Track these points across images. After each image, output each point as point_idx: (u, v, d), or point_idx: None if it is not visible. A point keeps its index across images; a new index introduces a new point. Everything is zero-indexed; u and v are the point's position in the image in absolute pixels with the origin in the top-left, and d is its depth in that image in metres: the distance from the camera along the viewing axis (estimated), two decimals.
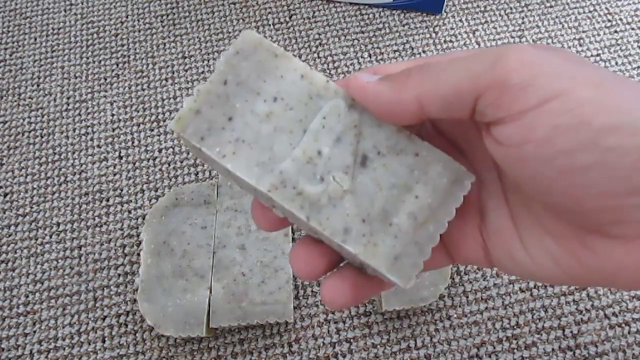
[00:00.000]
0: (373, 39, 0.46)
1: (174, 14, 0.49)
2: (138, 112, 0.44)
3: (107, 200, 0.40)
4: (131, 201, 0.40)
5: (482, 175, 0.22)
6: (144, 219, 0.39)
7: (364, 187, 0.19)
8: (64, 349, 0.35)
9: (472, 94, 0.17)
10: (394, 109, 0.18)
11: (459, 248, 0.22)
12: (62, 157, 0.42)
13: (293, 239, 0.36)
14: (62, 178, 0.41)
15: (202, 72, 0.45)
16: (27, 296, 0.37)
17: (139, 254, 0.38)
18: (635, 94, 0.16)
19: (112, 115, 0.44)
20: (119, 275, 0.37)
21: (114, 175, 0.41)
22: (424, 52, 0.46)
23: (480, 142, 0.21)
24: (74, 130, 0.43)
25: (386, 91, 0.19)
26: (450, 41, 0.46)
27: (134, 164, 0.41)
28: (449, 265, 0.24)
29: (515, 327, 0.34)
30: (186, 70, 0.45)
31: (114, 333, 0.35)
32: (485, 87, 0.17)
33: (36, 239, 0.39)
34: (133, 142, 0.42)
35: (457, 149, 0.22)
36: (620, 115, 0.16)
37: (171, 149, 0.42)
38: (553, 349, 0.34)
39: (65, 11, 0.49)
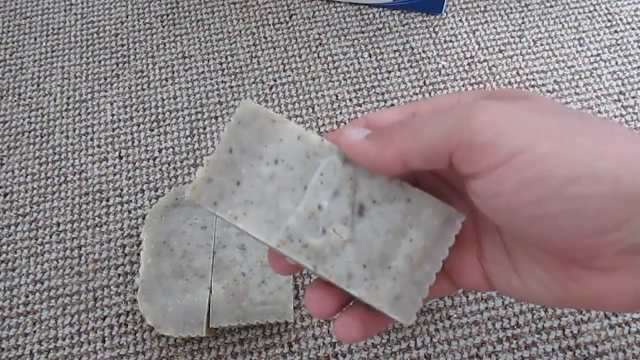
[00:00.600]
0: (373, 39, 0.46)
1: (174, 14, 0.49)
2: (138, 112, 0.44)
3: (107, 200, 0.40)
4: (131, 201, 0.40)
5: (476, 209, 0.23)
6: (144, 219, 0.39)
7: (363, 235, 0.21)
8: (64, 349, 0.35)
9: (446, 152, 0.19)
10: (380, 164, 0.20)
11: (462, 276, 0.23)
12: (62, 157, 0.42)
13: None
14: (62, 178, 0.41)
15: (202, 72, 0.45)
16: (27, 296, 0.37)
17: (139, 254, 0.38)
18: (594, 142, 0.17)
19: (112, 115, 0.44)
20: (119, 275, 0.37)
21: (114, 175, 0.41)
22: (423, 52, 0.46)
23: None
24: (74, 130, 0.43)
25: (372, 149, 0.20)
26: (450, 41, 0.46)
27: (134, 164, 0.41)
28: (453, 292, 0.26)
29: (515, 327, 0.34)
30: (186, 70, 0.45)
31: (114, 333, 0.35)
32: (455, 147, 0.18)
33: (36, 239, 0.39)
34: (133, 142, 0.42)
35: (449, 185, 0.24)
36: (579, 166, 0.17)
37: (171, 149, 0.42)
38: (553, 349, 0.34)
39: (65, 11, 0.49)
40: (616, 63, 0.44)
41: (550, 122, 0.18)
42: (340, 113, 0.43)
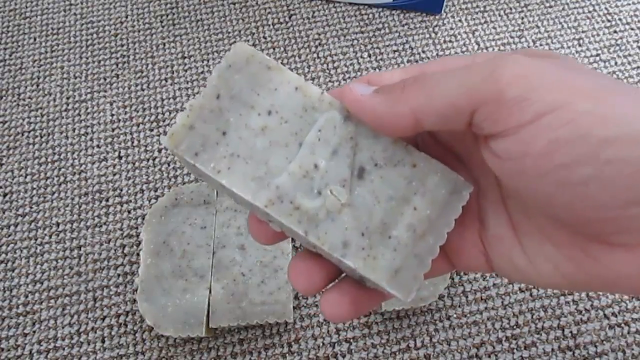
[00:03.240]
0: (373, 39, 0.46)
1: (174, 14, 0.49)
2: (137, 112, 0.44)
3: (107, 200, 0.40)
4: (131, 201, 0.40)
5: (480, 182, 0.21)
6: (143, 219, 0.39)
7: (362, 200, 0.19)
8: (64, 349, 0.35)
9: (468, 108, 0.17)
10: (389, 122, 0.18)
11: (460, 255, 0.22)
12: (61, 157, 0.42)
13: (293, 239, 0.36)
14: (62, 178, 0.41)
15: (202, 72, 0.45)
16: (27, 296, 0.37)
17: (138, 254, 0.38)
18: (634, 103, 0.16)
19: (112, 115, 0.44)
20: (119, 275, 0.37)
21: (114, 175, 0.41)
22: (423, 52, 0.46)
23: (478, 150, 0.21)
24: (74, 130, 0.43)
25: (381, 104, 0.18)
26: (450, 41, 0.46)
27: (134, 164, 0.41)
28: (449, 272, 0.24)
29: (514, 327, 0.34)
30: (186, 70, 0.45)
31: (113, 333, 0.35)
32: (481, 102, 0.17)
33: (36, 239, 0.39)
34: (133, 142, 0.42)
35: (455, 157, 0.22)
36: (618, 126, 0.15)
37: None
38: (552, 349, 0.34)
39: (65, 11, 0.49)
40: (615, 63, 0.45)
41: (585, 80, 0.17)
42: None
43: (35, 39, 0.48)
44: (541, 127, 0.16)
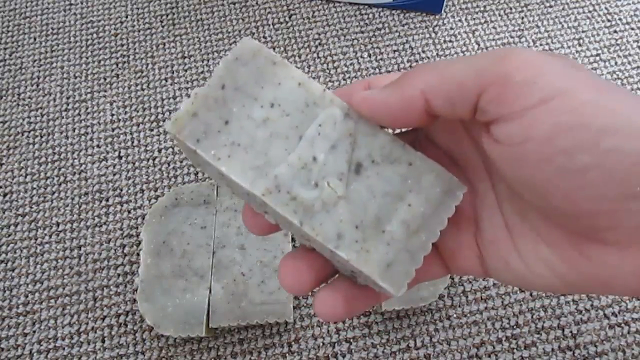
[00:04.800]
0: (373, 39, 0.46)
1: (174, 14, 0.49)
2: (137, 112, 0.44)
3: (107, 200, 0.40)
4: (131, 201, 0.40)
5: (475, 185, 0.22)
6: (143, 218, 0.39)
7: (358, 195, 0.19)
8: (64, 348, 0.35)
9: (476, 90, 0.17)
10: (401, 108, 0.19)
11: (455, 258, 0.22)
12: (61, 157, 0.42)
13: (293, 239, 0.36)
14: (62, 178, 0.41)
15: (202, 72, 0.45)
16: (27, 296, 0.37)
17: (138, 254, 0.38)
18: (633, 99, 0.16)
19: (112, 115, 0.44)
20: (119, 275, 0.37)
21: (114, 175, 0.41)
22: (423, 52, 0.46)
23: (474, 152, 0.21)
24: (74, 130, 0.43)
25: (392, 94, 0.19)
26: (450, 41, 0.46)
27: (134, 163, 0.41)
28: (445, 277, 0.24)
29: (514, 327, 0.34)
30: (186, 70, 0.45)
31: (113, 333, 0.35)
32: (489, 83, 0.17)
33: (36, 239, 0.39)
34: (132, 142, 0.42)
35: (451, 160, 0.22)
36: (619, 118, 0.16)
37: (171, 149, 0.42)
38: (552, 349, 0.34)
39: (65, 11, 0.49)
40: (615, 63, 0.45)
41: (588, 75, 0.17)
42: None
43: (35, 39, 0.48)
44: (545, 111, 0.16)
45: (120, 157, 0.42)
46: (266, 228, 0.21)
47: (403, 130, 0.23)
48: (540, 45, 0.46)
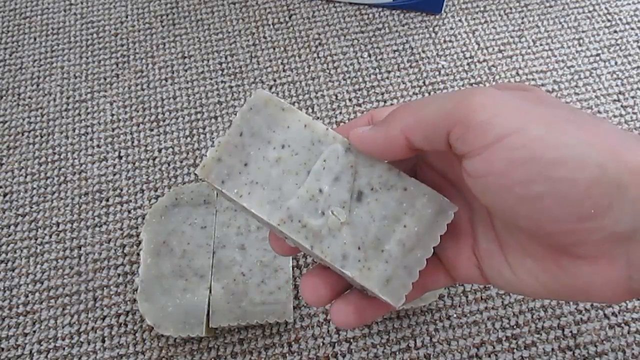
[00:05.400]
0: (373, 39, 0.46)
1: (174, 14, 0.49)
2: (138, 112, 0.44)
3: (107, 200, 0.40)
4: (131, 201, 0.40)
5: (471, 202, 0.24)
6: (143, 218, 0.39)
7: (360, 219, 0.22)
8: (64, 348, 0.35)
9: (445, 129, 0.19)
10: (387, 146, 0.21)
11: (457, 268, 0.24)
12: (61, 157, 0.42)
13: None
14: (62, 178, 0.41)
15: (202, 72, 0.45)
16: (27, 296, 0.37)
17: (138, 254, 0.38)
18: (582, 131, 0.18)
19: (112, 115, 0.44)
20: (119, 275, 0.37)
21: (114, 175, 0.41)
22: (423, 52, 0.46)
23: None
24: (74, 130, 0.43)
25: (378, 133, 0.21)
26: (450, 41, 0.46)
27: (134, 163, 0.41)
28: (450, 285, 0.27)
29: (514, 327, 0.34)
30: (186, 70, 0.45)
31: (113, 333, 0.35)
32: (453, 124, 0.19)
33: (36, 239, 0.39)
34: (133, 142, 0.42)
35: (448, 181, 0.25)
36: (566, 150, 0.18)
37: (171, 149, 0.42)
38: (553, 349, 0.34)
39: (65, 11, 0.49)
40: (615, 63, 0.45)
41: (542, 110, 0.19)
42: (340, 113, 0.43)
43: (35, 39, 0.48)
44: (500, 148, 0.18)
45: (120, 157, 0.42)
46: (288, 251, 0.24)
47: None
48: (540, 45, 0.46)
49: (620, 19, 0.47)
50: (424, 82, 0.44)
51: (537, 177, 0.18)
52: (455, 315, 0.35)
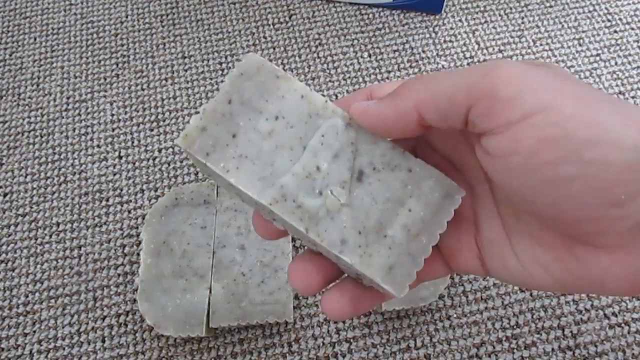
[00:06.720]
0: (373, 39, 0.46)
1: (174, 14, 0.49)
2: (138, 112, 0.44)
3: (107, 200, 0.40)
4: (131, 201, 0.40)
5: (475, 188, 0.22)
6: (143, 218, 0.39)
7: (360, 201, 0.20)
8: (64, 348, 0.35)
9: (465, 104, 0.18)
10: (395, 121, 0.19)
11: (456, 258, 0.22)
12: (62, 157, 0.42)
13: (293, 240, 0.36)
14: (62, 178, 0.41)
15: (202, 72, 0.45)
16: (27, 296, 0.37)
17: (138, 254, 0.38)
18: (615, 111, 0.17)
19: (112, 115, 0.44)
20: (119, 275, 0.37)
21: (114, 175, 0.41)
22: (423, 52, 0.46)
23: (472, 157, 0.21)
24: (74, 130, 0.43)
25: (387, 107, 0.19)
26: (450, 41, 0.46)
27: (134, 163, 0.41)
28: (447, 275, 0.25)
29: (514, 327, 0.34)
30: (186, 70, 0.45)
31: (113, 333, 0.35)
32: (476, 98, 0.17)
33: (36, 239, 0.39)
34: (133, 142, 0.42)
35: (451, 164, 0.23)
36: (601, 129, 0.16)
37: (171, 149, 0.42)
38: (553, 349, 0.34)
39: (65, 11, 0.49)
40: (616, 63, 0.45)
41: (573, 87, 0.17)
42: None
43: (35, 39, 0.48)
44: (529, 125, 0.17)
45: (120, 157, 0.42)
46: (275, 233, 0.22)
47: None
48: (540, 45, 0.46)
49: (620, 19, 0.47)
50: None
51: (568, 157, 0.16)
52: (455, 315, 0.35)
